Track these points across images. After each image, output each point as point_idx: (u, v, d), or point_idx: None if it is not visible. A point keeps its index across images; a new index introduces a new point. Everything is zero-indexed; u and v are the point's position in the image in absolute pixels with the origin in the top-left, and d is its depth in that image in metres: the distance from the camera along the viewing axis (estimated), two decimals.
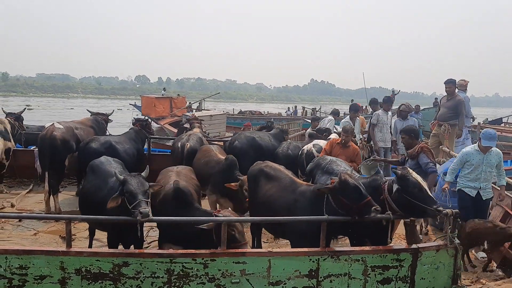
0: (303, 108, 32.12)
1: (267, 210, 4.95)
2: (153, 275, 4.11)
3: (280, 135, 7.95)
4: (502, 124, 23.13)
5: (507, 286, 4.68)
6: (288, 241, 5.15)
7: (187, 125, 8.54)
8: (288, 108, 35.23)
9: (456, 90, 9.10)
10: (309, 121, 19.16)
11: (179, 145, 7.00)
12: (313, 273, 4.29)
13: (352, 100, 18.23)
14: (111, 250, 4.25)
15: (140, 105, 19.66)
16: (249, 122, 16.09)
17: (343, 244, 5.79)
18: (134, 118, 8.36)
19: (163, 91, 32.18)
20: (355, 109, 8.89)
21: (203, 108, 21.90)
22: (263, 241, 6.01)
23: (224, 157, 6.28)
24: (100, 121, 8.34)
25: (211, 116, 15.43)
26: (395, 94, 17.42)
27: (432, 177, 5.83)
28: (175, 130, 12.19)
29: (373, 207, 4.17)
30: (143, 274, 4.10)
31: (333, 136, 7.81)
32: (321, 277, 4.31)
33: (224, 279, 4.17)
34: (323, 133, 8.22)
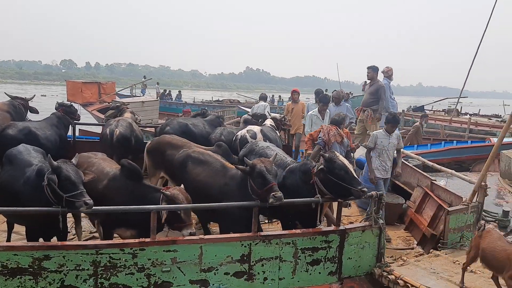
0: (279, 96, 32.36)
1: (197, 195, 4.91)
2: (77, 268, 3.90)
3: (215, 121, 7.85)
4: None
5: (426, 261, 5.00)
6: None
7: (111, 111, 8.15)
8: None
9: (382, 78, 9.51)
10: (245, 109, 19.24)
11: (108, 131, 6.67)
12: (245, 258, 4.31)
13: (327, 90, 17.28)
14: (31, 243, 3.97)
15: None
16: (189, 108, 15.81)
17: (276, 228, 5.88)
18: (57, 102, 7.80)
19: (143, 79, 31.35)
20: (325, 101, 8.09)
21: (156, 94, 20.92)
22: None
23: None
24: (17, 106, 7.69)
25: (143, 102, 14.94)
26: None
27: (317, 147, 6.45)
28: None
29: (273, 193, 4.23)
30: (67, 267, 3.88)
31: (268, 122, 7.85)
32: (253, 262, 4.34)
33: (155, 268, 4.07)
34: (259, 119, 8.24)
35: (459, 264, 4.91)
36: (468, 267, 4.82)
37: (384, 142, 6.31)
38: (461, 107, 25.60)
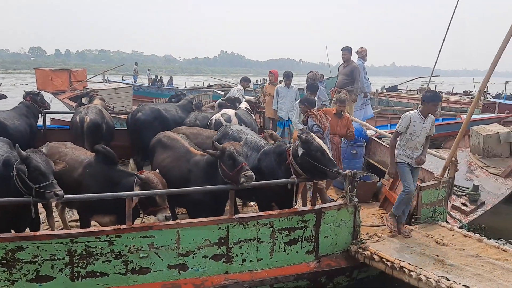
0: (257, 80, 31.93)
1: None
2: (52, 258, 3.85)
3: (188, 106, 7.77)
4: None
5: (400, 237, 5.13)
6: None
7: (85, 100, 7.97)
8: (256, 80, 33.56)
9: (356, 58, 9.56)
10: (220, 92, 19.11)
11: (78, 119, 6.53)
12: (223, 241, 4.33)
13: (322, 76, 16.09)
14: (2, 235, 3.88)
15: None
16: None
17: (253, 210, 5.92)
18: (24, 91, 7.58)
19: (135, 65, 31.25)
20: (313, 90, 7.62)
21: (148, 80, 20.24)
22: None
23: None
24: None
25: (116, 89, 14.68)
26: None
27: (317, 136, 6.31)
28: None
29: (243, 173, 4.25)
30: (41, 257, 3.82)
31: (243, 105, 7.82)
32: (231, 244, 4.36)
33: (132, 255, 4.05)
34: (234, 103, 8.20)
35: (432, 238, 5.06)
36: (441, 240, 4.99)
37: (417, 127, 5.06)
38: (436, 85, 26.09)
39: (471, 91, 24.55)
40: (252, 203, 6.35)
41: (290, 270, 4.58)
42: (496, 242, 4.96)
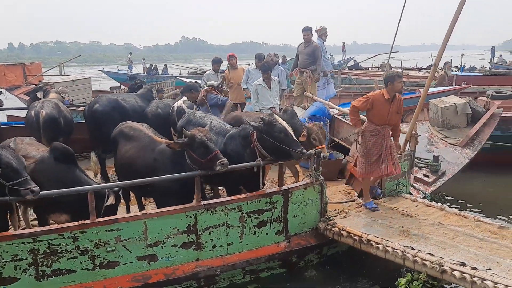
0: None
1: (128, 171, 4.83)
2: (15, 258, 3.72)
3: (148, 94, 7.58)
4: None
5: (366, 211, 5.24)
6: None
7: (40, 94, 7.64)
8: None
9: (316, 37, 9.59)
10: (183, 79, 18.83)
11: (33, 113, 6.26)
12: (191, 228, 4.31)
13: (285, 57, 15.12)
14: None
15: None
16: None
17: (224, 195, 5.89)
18: None
19: (129, 55, 30.51)
20: (265, 69, 7.32)
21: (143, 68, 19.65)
22: None
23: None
24: None
25: (74, 81, 14.17)
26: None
27: (228, 104, 6.65)
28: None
29: (219, 161, 4.22)
30: (3, 258, 3.69)
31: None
32: (200, 231, 4.35)
33: (98, 249, 3.97)
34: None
35: (396, 210, 5.21)
36: (405, 212, 5.13)
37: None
38: (401, 61, 26.64)
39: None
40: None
41: (261, 252, 4.62)
42: (457, 210, 5.15)
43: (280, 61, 12.60)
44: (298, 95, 9.24)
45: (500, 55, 34.84)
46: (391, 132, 5.35)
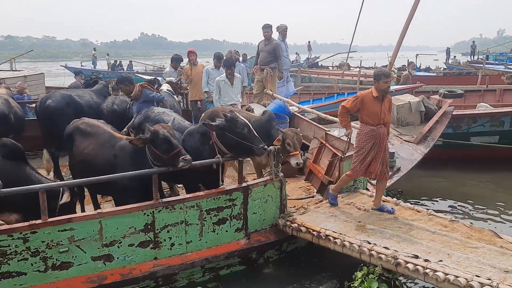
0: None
1: (86, 169, 4.70)
2: None
3: (104, 90, 7.37)
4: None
5: (325, 207, 5.32)
6: None
7: None
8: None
9: (277, 35, 9.66)
10: (141, 76, 18.42)
11: None
12: (149, 227, 4.22)
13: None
14: None
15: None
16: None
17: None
18: None
19: (93, 51, 29.90)
20: (228, 65, 7.19)
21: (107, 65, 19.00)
22: None
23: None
24: None
25: (25, 77, 13.58)
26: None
27: (165, 102, 6.48)
28: None
29: (182, 157, 4.18)
30: None
31: (164, 87, 7.59)
32: (157, 229, 4.26)
33: (51, 250, 3.81)
34: (154, 85, 7.91)
35: (354, 205, 5.31)
36: (362, 207, 5.24)
37: None
38: (361, 61, 27.28)
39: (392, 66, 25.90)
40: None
41: (220, 249, 4.59)
42: (411, 204, 5.31)
43: (240, 59, 12.61)
44: (258, 93, 9.27)
45: (455, 56, 36.45)
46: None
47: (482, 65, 22.85)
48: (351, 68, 23.15)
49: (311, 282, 4.77)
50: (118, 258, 4.11)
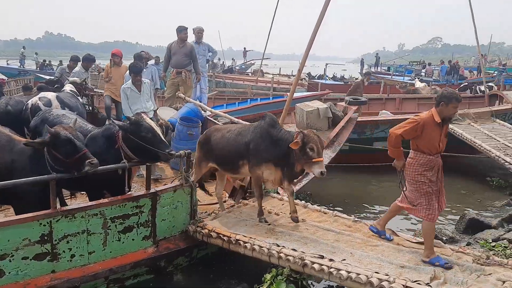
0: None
1: None
2: None
3: None
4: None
5: (236, 211, 5.32)
6: None
7: None
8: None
9: (193, 38, 9.57)
10: (44, 76, 17.13)
11: None
12: (46, 238, 3.91)
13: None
14: None
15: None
16: (4, 78, 13.43)
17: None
18: None
19: (22, 49, 30.00)
20: (136, 71, 6.56)
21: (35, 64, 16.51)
22: None
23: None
24: None
25: None
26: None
27: None
28: None
29: (88, 161, 3.95)
30: None
31: (67, 87, 7.09)
32: (56, 240, 3.96)
33: None
34: (54, 85, 7.40)
35: (264, 209, 5.36)
36: (272, 210, 5.32)
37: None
38: (280, 68, 28.03)
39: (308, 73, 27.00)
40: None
41: (126, 259, 4.38)
42: (318, 207, 5.50)
43: (153, 61, 12.30)
44: (170, 96, 9.07)
45: (369, 66, 38.97)
46: None
47: (388, 76, 24.81)
48: (265, 74, 23.70)
49: (221, 287, 4.72)
50: (10, 273, 3.76)
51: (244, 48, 34.68)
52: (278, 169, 4.74)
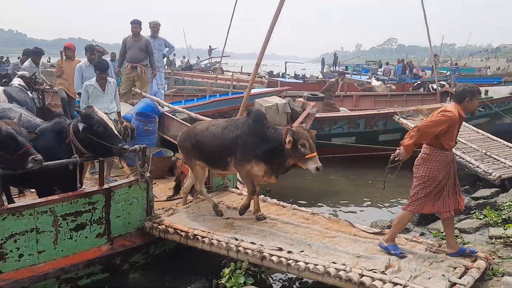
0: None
1: None
2: None
3: None
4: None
5: (194, 207, 5.26)
6: None
7: None
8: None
9: (149, 33, 9.38)
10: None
11: None
12: None
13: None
14: None
15: None
16: None
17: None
18: None
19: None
20: (102, 68, 6.14)
21: None
22: None
23: None
24: None
25: None
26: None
27: None
28: None
29: (31, 157, 3.77)
30: None
31: (16, 81, 6.79)
32: (2, 239, 3.76)
33: None
34: (2, 79, 7.06)
35: (223, 203, 5.32)
36: (231, 205, 5.28)
37: None
38: (242, 66, 27.94)
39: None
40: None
41: (79, 257, 4.22)
42: (277, 200, 5.51)
43: (109, 58, 11.98)
44: (126, 91, 8.83)
45: (330, 66, 39.67)
46: None
47: (348, 75, 25.29)
48: (224, 72, 23.62)
49: (179, 284, 4.64)
50: None
51: (210, 46, 34.37)
52: (268, 165, 4.61)
